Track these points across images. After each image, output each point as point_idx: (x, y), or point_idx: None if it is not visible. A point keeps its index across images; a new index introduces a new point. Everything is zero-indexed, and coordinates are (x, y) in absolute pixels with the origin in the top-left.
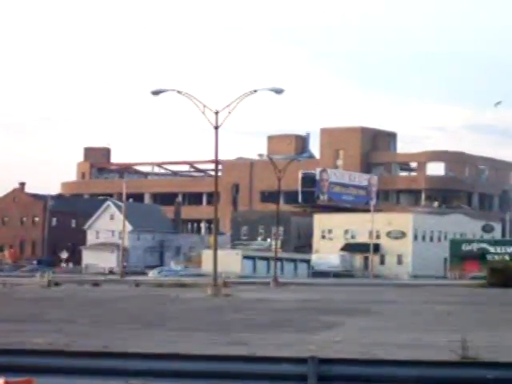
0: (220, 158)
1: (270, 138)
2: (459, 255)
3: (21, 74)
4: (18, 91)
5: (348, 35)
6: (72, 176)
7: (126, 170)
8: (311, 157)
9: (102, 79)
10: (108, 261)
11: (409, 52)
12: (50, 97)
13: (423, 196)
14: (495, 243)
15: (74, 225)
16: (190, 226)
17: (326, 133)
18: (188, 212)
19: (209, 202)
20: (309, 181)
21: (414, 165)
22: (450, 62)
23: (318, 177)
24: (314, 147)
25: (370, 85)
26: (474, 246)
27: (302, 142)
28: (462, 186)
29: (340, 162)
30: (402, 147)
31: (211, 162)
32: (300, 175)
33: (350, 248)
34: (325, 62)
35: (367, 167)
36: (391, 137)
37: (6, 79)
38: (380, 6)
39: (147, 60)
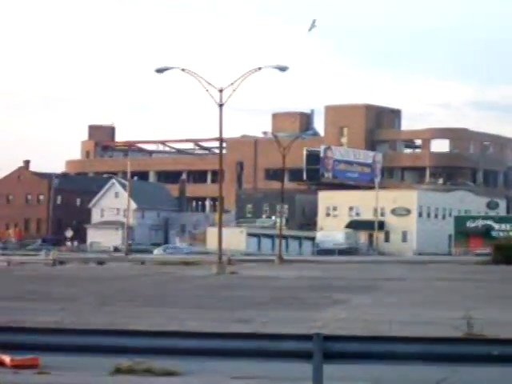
0: (224, 135)
1: (275, 116)
2: (464, 232)
3: (25, 51)
4: (22, 69)
5: (352, 11)
6: (77, 154)
7: (130, 148)
8: (315, 134)
9: (107, 57)
10: (113, 239)
11: (413, 28)
12: (55, 75)
13: (428, 173)
14: (500, 220)
15: (78, 203)
16: (194, 203)
17: (331, 110)
18: (193, 190)
19: (213, 180)
20: (313, 158)
21: (418, 142)
22: (453, 39)
23: (322, 154)
24: (319, 125)
25: (374, 62)
26: (479, 223)
27: (306, 119)
28: (467, 162)
29: (344, 140)
30: (407, 124)
31: (216, 139)
32: (304, 153)
33: (355, 225)
34: (329, 39)
35: (371, 144)
36: (395, 114)
37: (10, 58)
38: None
39: (152, 38)
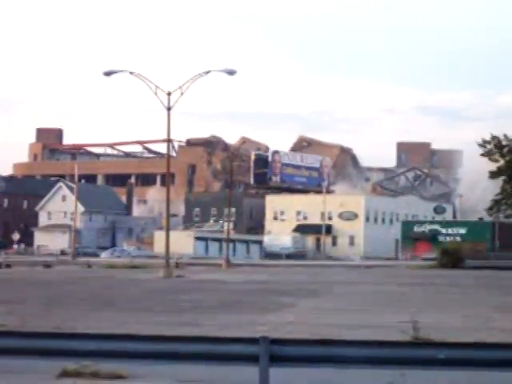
0: (173, 138)
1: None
2: (411, 236)
3: None
4: None
5: (298, 18)
6: (24, 157)
7: (78, 151)
8: None
9: (56, 60)
10: (60, 242)
11: (358, 33)
12: (3, 78)
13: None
14: (446, 224)
15: (25, 206)
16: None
17: None
18: (141, 193)
19: (163, 183)
20: (261, 162)
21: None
22: (402, 42)
23: (270, 158)
24: None
25: (321, 68)
26: (426, 228)
27: None
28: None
29: None
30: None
31: (163, 141)
32: (252, 156)
33: (302, 229)
34: (280, 44)
35: None
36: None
37: None
38: None
39: (100, 41)
